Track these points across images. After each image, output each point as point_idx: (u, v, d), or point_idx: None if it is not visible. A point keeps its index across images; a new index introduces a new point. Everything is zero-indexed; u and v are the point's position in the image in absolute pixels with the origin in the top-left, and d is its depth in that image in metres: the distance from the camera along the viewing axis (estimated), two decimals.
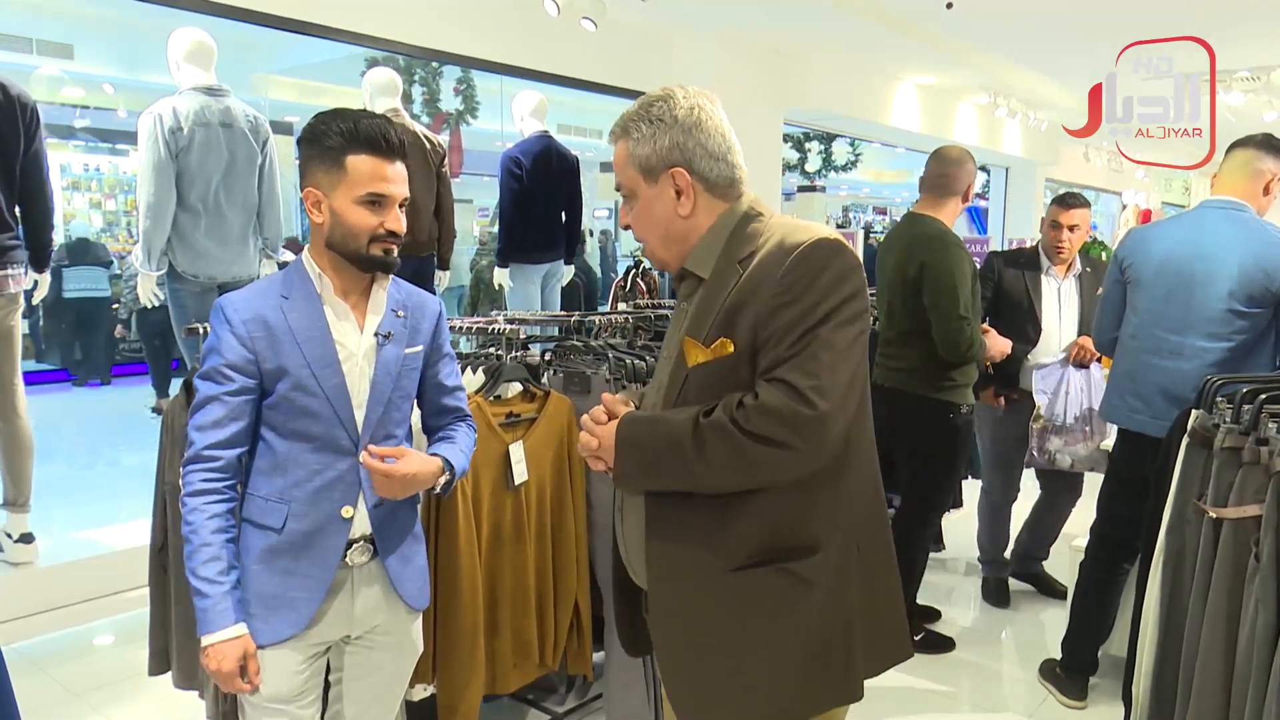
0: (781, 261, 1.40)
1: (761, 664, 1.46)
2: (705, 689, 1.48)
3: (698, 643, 1.47)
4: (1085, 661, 3.16)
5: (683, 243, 1.53)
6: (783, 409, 1.34)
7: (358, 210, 1.69)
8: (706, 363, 1.45)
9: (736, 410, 1.37)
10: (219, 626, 1.64)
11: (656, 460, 1.43)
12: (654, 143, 1.48)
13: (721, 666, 1.47)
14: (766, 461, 1.37)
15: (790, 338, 1.37)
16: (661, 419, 1.45)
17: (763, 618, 1.45)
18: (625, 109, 1.54)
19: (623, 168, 1.53)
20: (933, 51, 7.18)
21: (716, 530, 1.44)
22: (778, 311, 1.38)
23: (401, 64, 6.96)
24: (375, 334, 1.78)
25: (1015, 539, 4.16)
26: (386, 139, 1.70)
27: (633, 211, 1.55)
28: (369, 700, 1.92)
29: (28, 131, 3.30)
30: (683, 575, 1.47)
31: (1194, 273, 2.78)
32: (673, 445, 1.39)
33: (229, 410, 1.69)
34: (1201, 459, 2.07)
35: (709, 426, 1.37)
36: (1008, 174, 11.71)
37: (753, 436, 1.35)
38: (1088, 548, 3.15)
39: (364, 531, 1.79)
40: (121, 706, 3.05)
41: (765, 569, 1.44)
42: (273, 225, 4.05)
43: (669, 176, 1.49)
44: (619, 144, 1.53)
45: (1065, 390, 3.77)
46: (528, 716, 2.93)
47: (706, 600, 1.46)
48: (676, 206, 1.50)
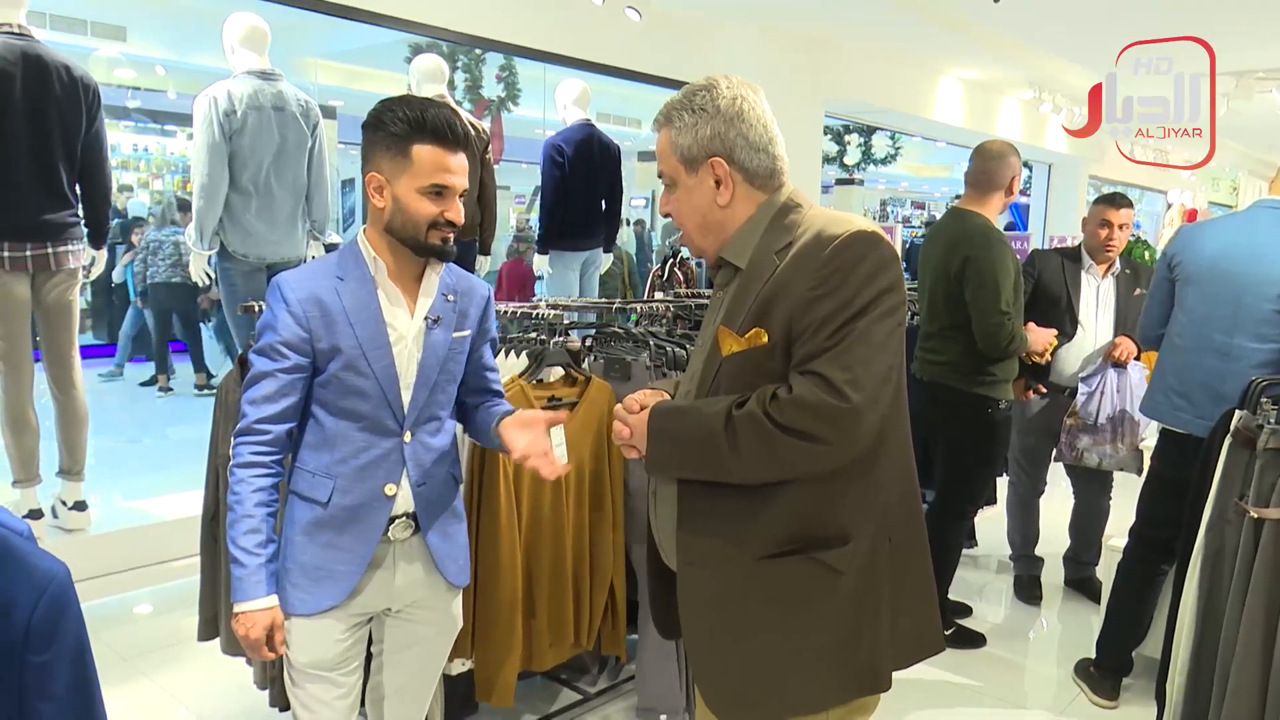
0: (819, 253, 1.40)
1: (789, 651, 1.46)
2: (733, 675, 1.49)
3: (726, 629, 1.47)
4: (1119, 661, 3.15)
5: (720, 232, 1.54)
6: (816, 402, 1.34)
7: (420, 199, 1.71)
8: (740, 352, 1.45)
9: (770, 403, 1.37)
10: (252, 596, 1.68)
11: (688, 450, 1.45)
12: (695, 132, 1.49)
13: (749, 652, 1.47)
14: (798, 454, 1.37)
15: (826, 330, 1.37)
16: (693, 409, 1.46)
17: (791, 606, 1.46)
18: (669, 98, 1.55)
19: (665, 155, 1.54)
20: (977, 45, 7.11)
21: (746, 519, 1.45)
22: (814, 303, 1.38)
23: (445, 50, 7.02)
24: (425, 318, 1.81)
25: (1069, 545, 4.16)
26: (453, 130, 1.71)
27: (673, 199, 1.57)
28: (409, 672, 1.96)
29: (89, 112, 3.40)
30: (712, 562, 1.48)
31: (1244, 273, 2.76)
32: (705, 437, 1.41)
33: (281, 386, 1.72)
34: (1244, 459, 2.07)
35: (742, 418, 1.38)
36: (1050, 170, 11.56)
37: (785, 429, 1.35)
38: (1126, 548, 3.14)
39: (406, 508, 1.82)
40: (170, 671, 3.14)
41: (794, 558, 1.44)
42: (321, 207, 4.12)
43: (709, 166, 1.50)
44: (662, 132, 1.54)
45: (1100, 390, 3.75)
46: (560, 695, 2.98)
47: (735, 587, 1.47)
48: (715, 196, 1.51)
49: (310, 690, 1.81)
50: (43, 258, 3.32)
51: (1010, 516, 4.18)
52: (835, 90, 7.15)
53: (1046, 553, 4.18)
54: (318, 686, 1.81)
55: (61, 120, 3.31)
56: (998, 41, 7.06)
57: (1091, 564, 4.08)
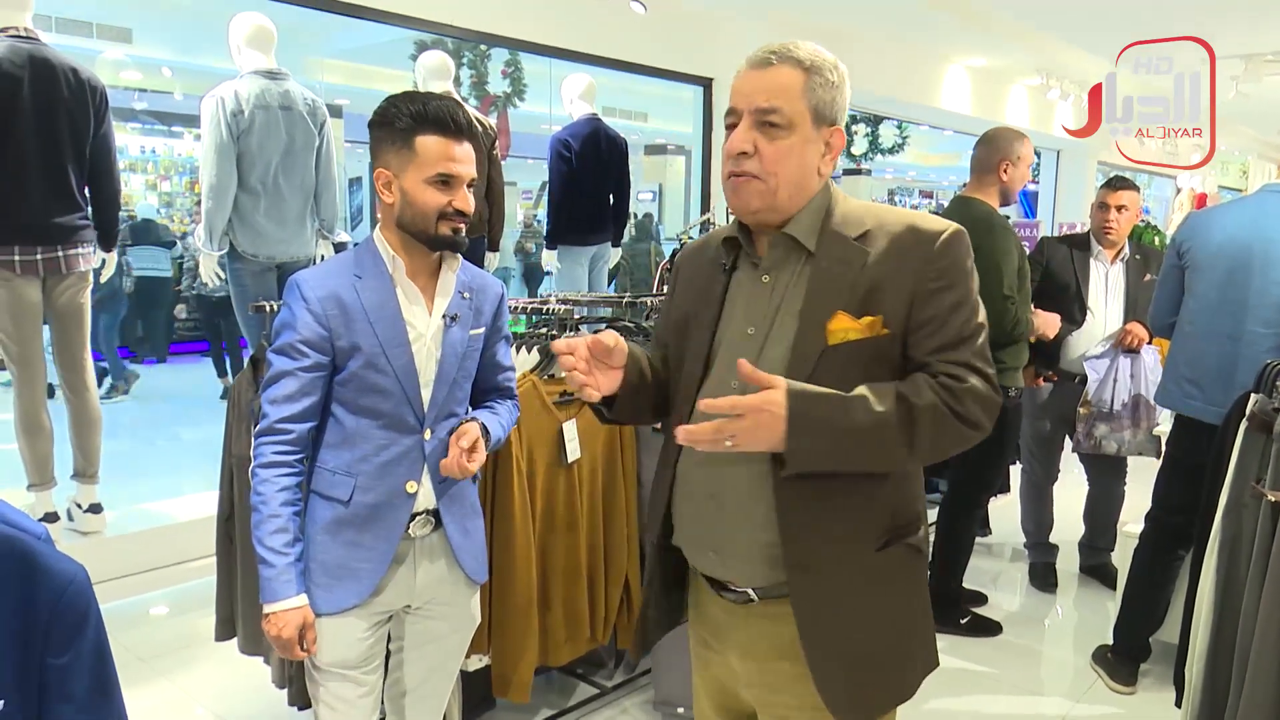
0: (926, 246, 1.40)
1: (899, 637, 1.51)
2: (857, 670, 1.46)
3: (851, 626, 1.45)
4: (1137, 647, 3.15)
5: (801, 197, 1.45)
6: (987, 394, 1.39)
7: (427, 190, 1.73)
8: (856, 340, 1.39)
9: (943, 390, 1.36)
10: (282, 596, 1.69)
11: (852, 441, 1.34)
12: (836, 95, 1.44)
13: (871, 646, 1.47)
14: (960, 441, 1.40)
15: (956, 322, 1.39)
16: (857, 399, 1.34)
17: (899, 593, 1.51)
18: (774, 45, 1.43)
19: (791, 95, 1.40)
20: (984, 32, 7.07)
21: (858, 515, 1.44)
22: (936, 295, 1.39)
23: (450, 47, 7.01)
24: (443, 316, 1.82)
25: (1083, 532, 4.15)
26: (455, 119, 1.73)
27: (775, 142, 1.40)
28: (428, 668, 1.97)
29: (97, 114, 3.41)
30: (831, 562, 1.43)
31: (1253, 258, 2.74)
32: (875, 427, 1.33)
33: (302, 385, 1.73)
34: (1260, 443, 2.05)
35: (925, 409, 1.34)
36: (1059, 157, 11.48)
37: (962, 419, 1.36)
38: (1143, 534, 3.13)
39: (427, 505, 1.83)
40: (188, 671, 3.16)
41: (897, 545, 1.47)
42: (329, 206, 4.13)
43: (831, 131, 1.45)
44: (790, 70, 1.41)
45: (1114, 377, 3.73)
46: (577, 690, 2.99)
47: (856, 584, 1.45)
48: (820, 163, 1.46)
49: (333, 689, 1.82)
50: (53, 261, 3.33)
51: (1024, 504, 4.18)
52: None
53: (1061, 540, 4.18)
54: (341, 685, 1.82)
55: (70, 123, 3.32)
56: (1005, 28, 7.02)
57: (1107, 550, 4.07)
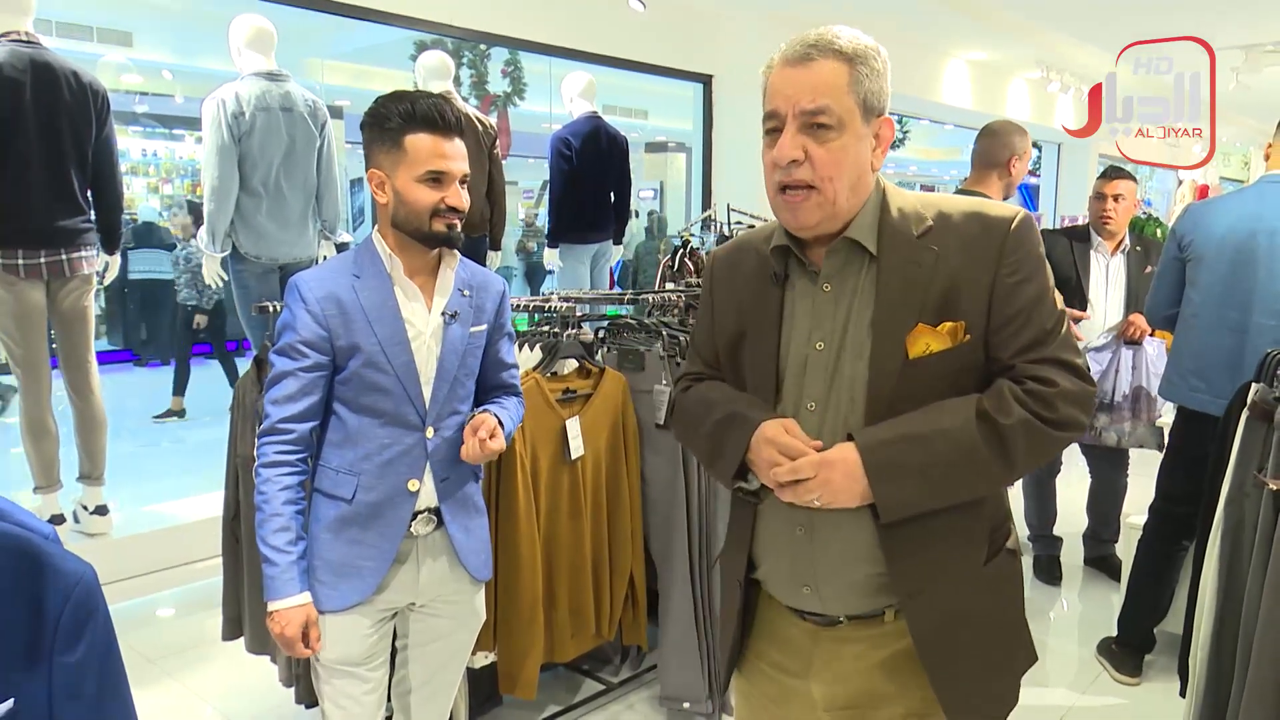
0: (994, 237, 1.32)
1: (1010, 643, 1.49)
2: (980, 684, 1.43)
3: (971, 644, 1.41)
4: (1141, 638, 3.15)
5: (859, 200, 1.34)
6: (1080, 392, 1.30)
7: (419, 188, 1.74)
8: (941, 351, 1.30)
9: (1031, 400, 1.27)
10: (285, 594, 1.70)
11: (941, 477, 1.28)
12: (883, 82, 1.34)
13: (990, 658, 1.44)
14: (1060, 446, 1.34)
15: (1040, 314, 1.31)
16: (934, 433, 1.27)
17: (1009, 598, 1.49)
18: (812, 35, 1.32)
19: (840, 92, 1.29)
20: (984, 25, 7.06)
21: (963, 532, 1.38)
22: (1017, 289, 1.30)
23: (450, 46, 7.02)
24: (443, 314, 1.83)
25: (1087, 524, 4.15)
26: (443, 116, 1.74)
27: (826, 144, 1.29)
28: (433, 666, 1.98)
29: (99, 117, 3.42)
30: (943, 584, 1.36)
31: (1258, 249, 2.74)
32: (962, 457, 1.27)
33: (303, 385, 1.74)
34: (1262, 432, 2.05)
35: (1014, 427, 1.26)
36: (1060, 150, 11.47)
37: (1057, 424, 1.28)
38: (1146, 525, 3.13)
39: (429, 503, 1.84)
40: (195, 671, 3.17)
41: (1000, 555, 1.44)
42: (331, 207, 4.14)
43: (881, 123, 1.34)
44: (832, 63, 1.30)
45: (1115, 368, 3.73)
46: (583, 686, 2.99)
47: (969, 601, 1.40)
48: (872, 158, 1.34)
49: (339, 686, 1.83)
50: (57, 264, 3.35)
51: (1027, 497, 4.17)
52: None
53: (1065, 532, 4.18)
54: (346, 682, 1.83)
55: (72, 126, 3.33)
56: (1005, 20, 7.01)
57: (1111, 542, 4.07)
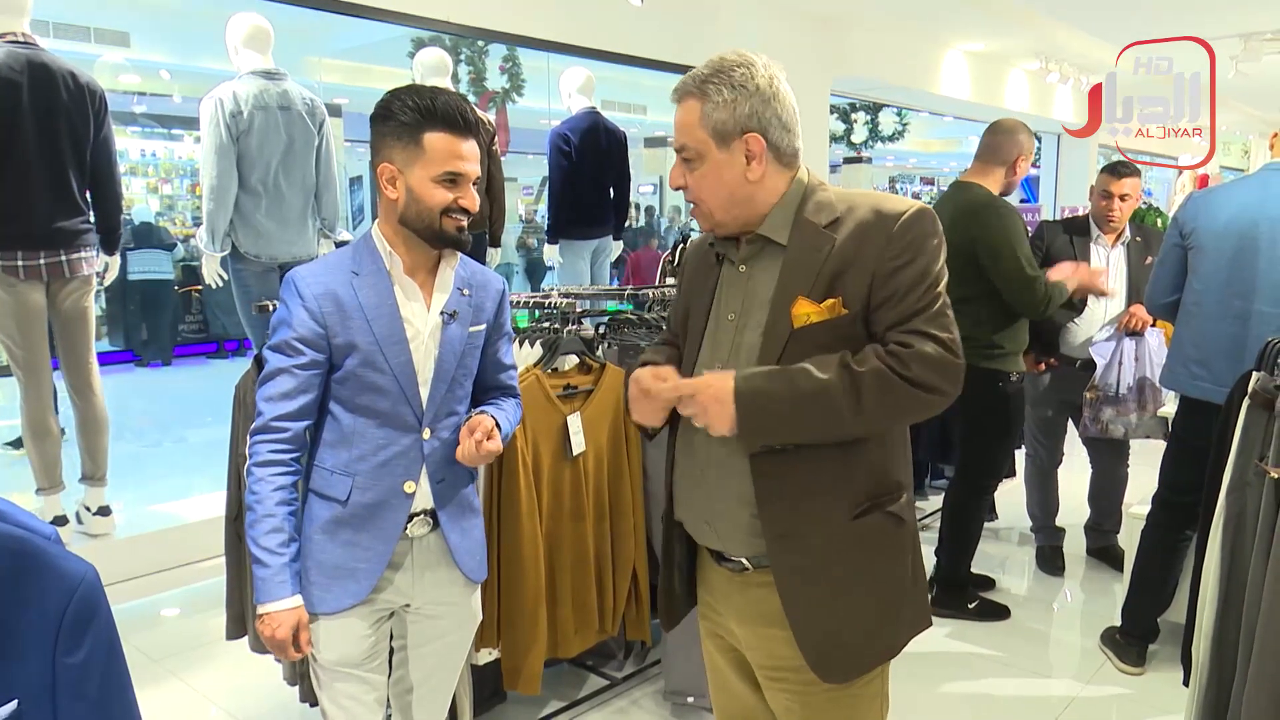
0: (887, 227, 1.48)
1: (879, 600, 1.57)
2: (835, 633, 1.55)
3: (827, 592, 1.54)
4: (1145, 628, 3.15)
5: (745, 207, 1.54)
6: (939, 358, 1.46)
7: (434, 188, 1.70)
8: (819, 322, 1.48)
9: (891, 359, 1.44)
10: (276, 596, 1.67)
11: (799, 411, 1.44)
12: (734, 109, 1.49)
13: (848, 609, 1.55)
14: (919, 406, 1.47)
15: (915, 294, 1.47)
16: (798, 371, 1.45)
17: (877, 558, 1.57)
18: (693, 71, 1.53)
19: (691, 128, 1.52)
20: (982, 16, 7.05)
21: (833, 484, 1.52)
22: (897, 272, 1.47)
23: (448, 43, 7.01)
24: (441, 313, 1.79)
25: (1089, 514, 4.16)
26: (464, 116, 1.70)
27: (694, 173, 1.54)
28: (431, 666, 1.96)
29: (97, 118, 3.42)
30: (807, 531, 1.52)
31: (1260, 238, 2.73)
32: (819, 395, 1.43)
33: (298, 383, 1.70)
34: (1263, 420, 2.05)
35: (868, 375, 1.43)
36: (1059, 140, 11.45)
37: (912, 382, 1.43)
38: (1149, 515, 3.12)
39: (425, 506, 1.81)
40: (200, 671, 3.17)
41: (874, 514, 1.54)
42: (330, 205, 4.14)
43: (743, 142, 1.50)
44: (689, 103, 1.52)
45: (1119, 360, 3.73)
46: (587, 681, 3.00)
47: (832, 551, 1.53)
48: (746, 172, 1.52)
49: (339, 688, 1.82)
50: (57, 265, 3.35)
51: (1029, 489, 4.18)
52: (842, 68, 7.11)
53: (1067, 523, 4.18)
54: (345, 684, 1.82)
55: (70, 127, 3.33)
56: (1003, 10, 7.00)
57: (1113, 532, 4.07)
